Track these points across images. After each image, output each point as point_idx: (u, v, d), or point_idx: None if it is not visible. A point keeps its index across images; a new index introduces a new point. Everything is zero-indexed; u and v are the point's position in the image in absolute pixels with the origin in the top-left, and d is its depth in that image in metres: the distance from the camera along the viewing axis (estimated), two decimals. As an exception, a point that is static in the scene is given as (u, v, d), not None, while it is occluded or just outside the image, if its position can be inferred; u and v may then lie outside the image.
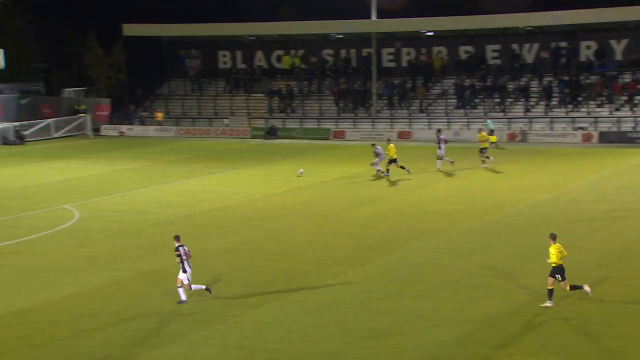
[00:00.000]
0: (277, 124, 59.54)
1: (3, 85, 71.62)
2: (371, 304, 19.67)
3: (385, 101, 59.42)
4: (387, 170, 38.30)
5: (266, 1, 65.49)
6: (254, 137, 58.34)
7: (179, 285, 19.73)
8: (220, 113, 62.86)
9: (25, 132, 57.84)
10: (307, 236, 27.22)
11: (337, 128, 57.66)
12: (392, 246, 25.41)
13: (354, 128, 57.53)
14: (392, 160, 38.07)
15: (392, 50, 61.83)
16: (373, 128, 57.36)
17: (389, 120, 57.75)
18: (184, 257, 19.63)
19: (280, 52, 64.99)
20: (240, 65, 65.91)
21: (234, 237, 27.19)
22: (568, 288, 19.08)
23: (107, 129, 62.74)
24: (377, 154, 38.64)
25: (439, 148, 40.23)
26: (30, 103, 67.29)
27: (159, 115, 61.66)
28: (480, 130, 43.62)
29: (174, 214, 31.15)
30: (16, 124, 58.77)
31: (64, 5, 75.84)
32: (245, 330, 18.07)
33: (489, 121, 51.00)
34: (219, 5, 66.49)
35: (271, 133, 57.86)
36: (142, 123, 61.89)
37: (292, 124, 59.67)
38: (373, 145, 39.74)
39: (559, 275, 18.81)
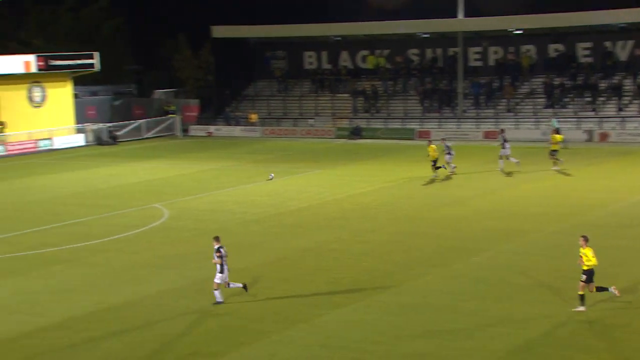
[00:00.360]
0: (362, 124, 59.53)
1: (98, 87, 73.91)
2: (456, 306, 19.49)
3: (471, 101, 58.68)
4: (440, 167, 38.40)
5: (352, 1, 65.52)
6: (338, 137, 58.49)
7: (215, 288, 19.90)
8: (305, 113, 63.25)
9: (118, 133, 59.50)
10: (391, 236, 27.14)
11: (422, 128, 57.25)
12: (477, 247, 25.09)
13: (439, 128, 57.00)
14: (433, 162, 38.30)
15: (479, 49, 61.00)
16: (458, 128, 56.72)
17: (475, 120, 57.01)
18: (224, 258, 19.82)
19: (365, 52, 64.96)
20: (326, 66, 66.16)
21: (318, 236, 27.33)
22: (594, 289, 18.79)
23: (195, 130, 63.96)
24: (448, 152, 38.50)
25: (503, 147, 39.76)
26: (123, 104, 69.20)
27: (253, 117, 62.40)
28: (553, 131, 42.70)
29: (260, 214, 31.53)
30: (110, 124, 60.52)
31: (155, 8, 77.65)
32: (330, 329, 18.16)
33: (554, 120, 49.89)
34: (305, 6, 66.90)
35: (355, 133, 57.89)
36: (237, 123, 62.68)
37: (376, 124, 59.56)
38: (443, 140, 39.70)
39: (584, 276, 18.55)
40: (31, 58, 54.68)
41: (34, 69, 54.40)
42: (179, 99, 70.94)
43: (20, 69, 53.64)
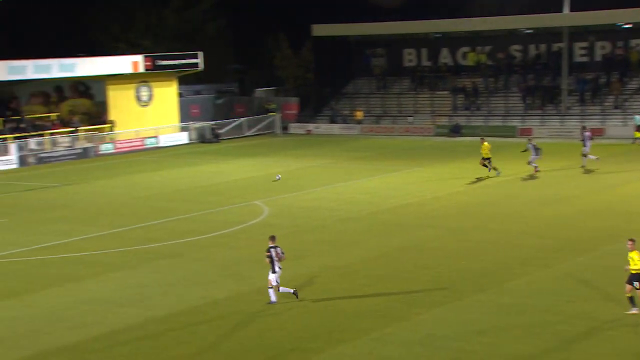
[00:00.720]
0: (461, 121, 58.81)
1: (201, 86, 75.61)
2: (559, 307, 19.04)
3: (576, 97, 57.08)
4: (495, 168, 37.97)
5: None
6: (437, 134, 57.96)
7: (269, 286, 19.86)
8: (404, 111, 62.97)
9: (220, 131, 60.73)
10: (491, 235, 26.74)
11: (524, 125, 56.08)
12: (581, 247, 24.44)
13: (542, 125, 55.73)
14: (486, 159, 37.89)
15: (585, 44, 59.28)
16: (562, 125, 55.31)
17: (580, 117, 55.43)
18: (275, 259, 19.69)
19: (466, 48, 64.11)
20: (425, 63, 65.65)
21: (417, 234, 27.20)
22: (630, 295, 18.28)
23: (295, 127, 64.60)
24: (534, 150, 37.57)
25: (584, 145, 38.54)
26: (225, 103, 70.58)
27: (359, 114, 62.50)
28: (636, 128, 41.20)
29: (358, 211, 31.60)
30: (212, 122, 61.84)
31: (257, 8, 78.80)
32: (429, 328, 18.05)
33: (637, 117, 47.93)
34: (405, 3, 66.54)
35: (455, 131, 57.24)
36: (344, 121, 62.75)
37: (476, 122, 58.71)
38: (529, 140, 38.68)
39: (637, 283, 18.12)
40: (139, 58, 56.40)
41: (141, 69, 56.08)
42: (279, 97, 71.79)
43: (128, 69, 55.41)
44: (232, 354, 16.88)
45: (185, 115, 63.14)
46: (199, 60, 59.76)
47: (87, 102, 56.36)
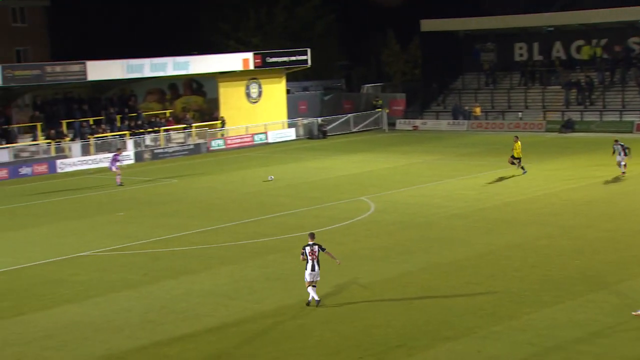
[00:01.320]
0: (575, 117, 57.15)
1: (309, 82, 76.32)
2: (677, 310, 18.27)
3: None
4: (522, 167, 37.65)
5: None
6: (548, 130, 56.54)
7: (308, 285, 19.65)
8: (514, 106, 61.74)
9: (327, 127, 61.15)
10: (605, 234, 25.91)
11: (642, 120, 54.04)
12: (701, 249, 23.36)
13: (661, 120, 53.53)
14: (517, 159, 37.51)
15: None
16: (685, 120, 52.94)
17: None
18: (309, 257, 19.43)
19: (580, 42, 62.22)
20: (537, 57, 64.12)
21: (526, 232, 26.64)
22: None
23: (401, 124, 64.34)
24: (623, 150, 35.69)
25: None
26: (333, 99, 71.02)
27: (477, 110, 61.69)
28: None
29: (465, 208, 31.23)
30: (320, 119, 62.35)
31: (366, 4, 78.89)
32: (539, 327, 17.67)
33: None
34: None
35: (567, 126, 55.68)
36: (465, 117, 61.98)
37: (590, 117, 56.95)
38: (616, 142, 36.54)
39: None
40: (249, 56, 57.44)
41: (251, 66, 57.11)
42: (386, 93, 71.66)
43: (239, 67, 56.53)
44: (338, 349, 17.00)
45: (293, 111, 63.90)
46: (308, 57, 60.27)
47: (199, 99, 57.84)
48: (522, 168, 37.92)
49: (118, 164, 40.32)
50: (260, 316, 19.19)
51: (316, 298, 19.49)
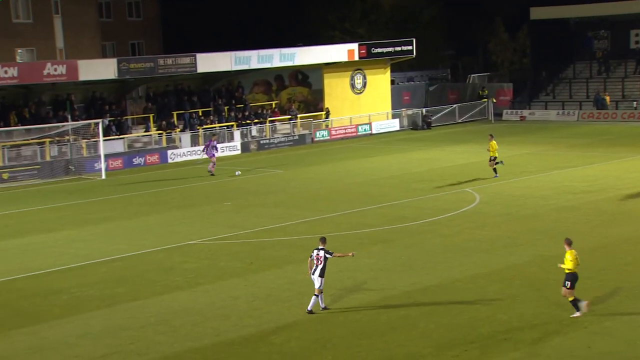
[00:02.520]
0: (693, 105, 54.63)
1: (413, 72, 75.78)
2: None
3: None
4: (495, 169, 35.66)
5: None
6: (665, 120, 54.27)
7: (319, 293, 18.79)
8: (628, 95, 59.47)
9: (432, 118, 60.58)
10: None
11: None
12: None
13: None
14: (492, 158, 35.17)
15: None
16: None
17: None
18: (315, 262, 18.66)
19: None
20: (655, 44, 61.62)
21: (640, 226, 25.69)
22: (571, 298, 17.63)
23: (508, 114, 63.07)
24: None
25: None
26: (438, 89, 70.29)
27: (607, 99, 59.32)
28: None
29: (574, 200, 30.39)
30: (424, 109, 61.84)
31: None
32: (653, 325, 17.05)
33: None
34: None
35: (685, 116, 53.26)
36: (602, 107, 59.69)
37: None
38: None
39: (568, 283, 17.59)
40: (354, 46, 57.45)
41: (356, 57, 57.09)
42: (493, 83, 70.39)
43: (344, 58, 56.63)
44: (443, 341, 16.86)
45: (397, 102, 63.58)
46: (413, 47, 59.78)
47: (304, 90, 58.32)
48: (495, 170, 35.76)
49: (216, 153, 41.16)
50: (364, 306, 19.23)
51: (319, 305, 18.77)
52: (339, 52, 56.56)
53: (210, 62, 50.14)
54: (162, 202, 34.64)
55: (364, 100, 59.11)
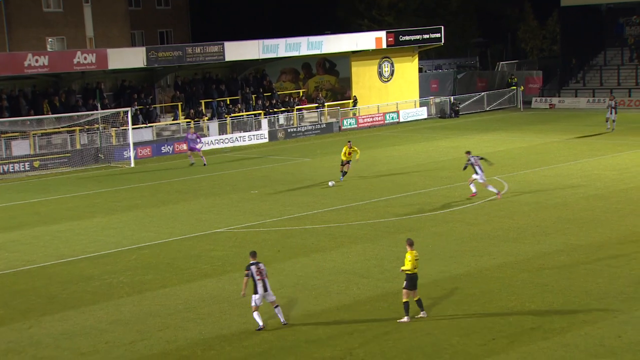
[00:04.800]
0: None
1: (441, 60, 75.30)
2: None
3: None
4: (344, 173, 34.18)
5: None
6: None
7: (254, 310, 17.34)
8: (659, 82, 58.71)
9: (460, 106, 60.22)
10: None
11: None
12: None
13: None
14: (345, 163, 33.90)
15: None
16: None
17: None
18: (256, 277, 17.20)
19: None
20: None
21: (671, 215, 25.37)
22: (405, 299, 17.40)
23: (537, 102, 62.52)
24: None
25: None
26: (466, 77, 69.82)
27: None
28: None
29: (604, 188, 30.10)
30: (453, 97, 61.47)
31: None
32: (683, 315, 16.86)
33: None
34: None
35: None
36: None
37: None
38: None
39: (405, 283, 17.39)
40: (382, 34, 57.20)
41: (384, 44, 56.85)
42: (522, 70, 69.79)
43: (372, 45, 56.41)
44: (471, 330, 16.80)
45: (425, 90, 63.25)
46: (441, 35, 59.39)
47: (332, 78, 58.24)
48: (343, 174, 34.12)
49: (199, 144, 41.20)
50: (391, 294, 19.21)
51: (282, 320, 17.47)
52: (367, 40, 56.35)
53: (238, 51, 50.21)
54: (190, 190, 34.83)
55: (391, 89, 58.88)
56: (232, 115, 50.51)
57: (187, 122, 48.92)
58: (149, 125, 47.55)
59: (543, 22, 74.91)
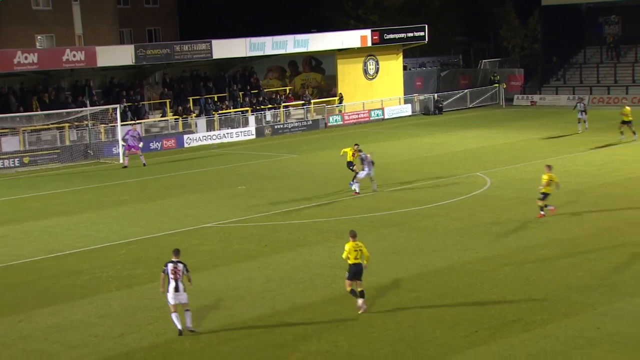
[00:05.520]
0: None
1: (425, 58, 75.39)
2: None
3: None
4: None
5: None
6: (674, 105, 53.82)
7: (173, 311, 16.79)
8: (638, 80, 58.98)
9: (443, 103, 60.35)
10: None
11: None
12: None
13: None
14: (349, 163, 31.03)
15: None
16: None
17: None
18: (170, 275, 16.70)
19: None
20: (665, 29, 61.04)
21: (649, 210, 25.55)
22: (349, 289, 17.59)
23: (519, 99, 62.76)
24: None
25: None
26: (449, 75, 69.97)
27: None
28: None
29: (583, 184, 30.27)
30: (436, 94, 61.58)
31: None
32: (661, 307, 16.98)
33: None
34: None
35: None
36: None
37: None
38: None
39: (347, 273, 17.53)
40: (367, 33, 57.20)
41: (369, 43, 56.86)
42: (504, 68, 70.02)
43: (357, 44, 56.40)
44: (454, 322, 16.87)
45: (409, 87, 63.32)
46: (425, 33, 59.46)
47: (318, 76, 58.20)
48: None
49: (137, 143, 40.26)
50: (377, 288, 19.24)
51: (188, 325, 16.76)
52: (352, 38, 56.35)
53: (226, 48, 50.07)
54: (178, 185, 34.74)
55: (376, 86, 58.92)
56: (220, 112, 50.39)
57: (175, 118, 48.76)
58: (137, 122, 47.36)
59: (524, 21, 75.16)
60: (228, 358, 15.72)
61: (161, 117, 49.30)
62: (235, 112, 51.07)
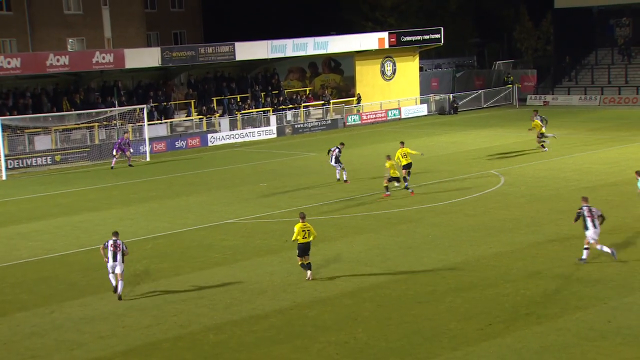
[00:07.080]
0: None
1: (441, 59, 75.11)
2: None
3: None
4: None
5: None
6: (684, 105, 53.23)
7: (109, 272, 19.13)
8: (648, 81, 58.48)
9: (459, 103, 60.09)
10: None
11: None
12: None
13: None
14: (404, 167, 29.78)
15: None
16: None
17: None
18: (110, 249, 18.86)
19: None
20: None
21: (659, 207, 25.30)
22: (300, 262, 19.48)
23: (532, 99, 62.36)
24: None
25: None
26: (464, 76, 69.65)
27: None
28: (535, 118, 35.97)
29: (595, 181, 30.03)
30: (452, 95, 61.33)
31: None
32: (670, 302, 16.82)
33: None
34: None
35: None
36: None
37: None
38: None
39: (298, 251, 19.39)
40: (385, 35, 57.06)
41: (387, 45, 56.73)
42: (517, 69, 69.61)
43: (375, 46, 56.29)
44: (468, 315, 16.82)
45: (426, 88, 63.11)
46: (441, 36, 59.21)
47: (337, 77, 58.15)
48: (405, 180, 29.70)
49: (129, 150, 40.39)
50: (393, 282, 19.23)
51: (118, 292, 18.84)
52: (370, 40, 56.24)
53: (248, 51, 50.15)
54: (203, 183, 34.85)
55: (393, 87, 58.77)
56: (242, 112, 50.48)
57: (199, 118, 48.91)
58: (163, 121, 47.57)
59: (537, 23, 74.66)
60: (250, 349, 15.76)
61: (186, 116, 49.47)
62: (257, 112, 51.13)
